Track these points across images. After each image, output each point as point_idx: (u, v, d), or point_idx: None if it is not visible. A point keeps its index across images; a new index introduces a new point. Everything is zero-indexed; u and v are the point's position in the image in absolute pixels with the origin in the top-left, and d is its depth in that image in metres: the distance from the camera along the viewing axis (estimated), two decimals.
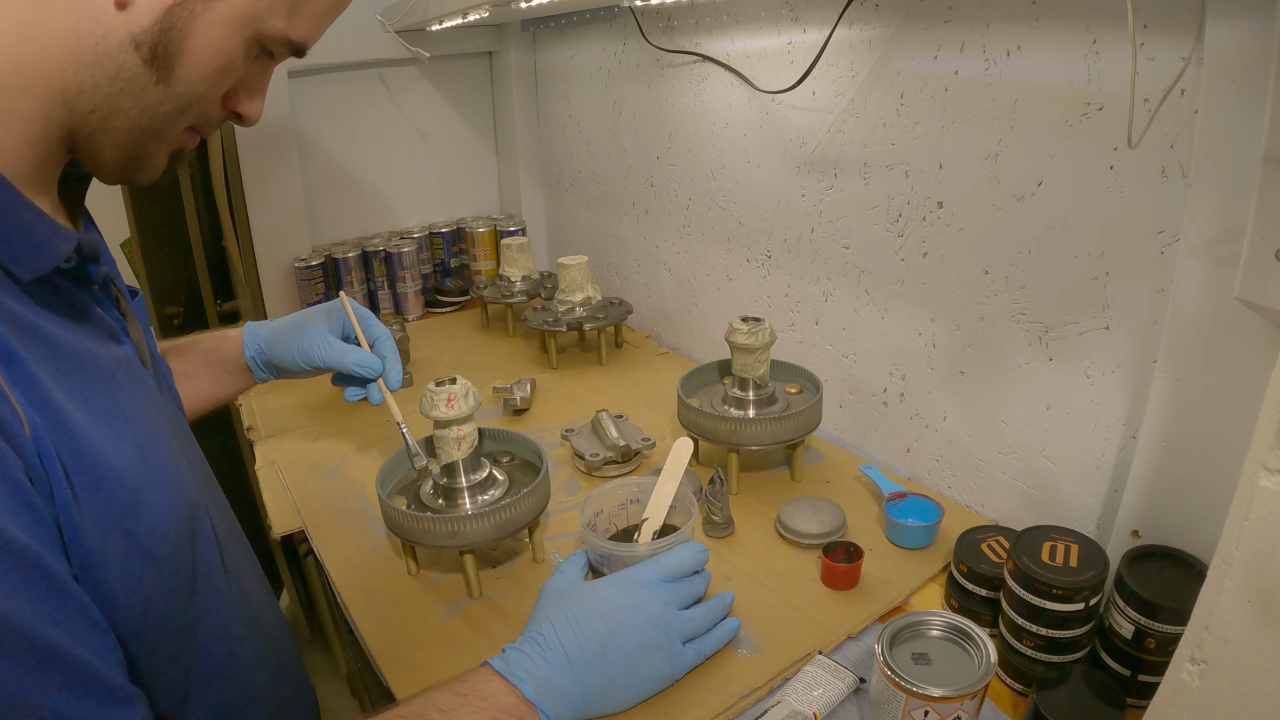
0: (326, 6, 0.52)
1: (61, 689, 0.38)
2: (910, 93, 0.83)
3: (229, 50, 0.47)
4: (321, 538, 0.87)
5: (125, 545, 0.45)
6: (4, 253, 0.42)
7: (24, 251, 0.43)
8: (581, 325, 1.24)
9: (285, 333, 0.75)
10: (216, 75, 0.48)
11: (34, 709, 0.37)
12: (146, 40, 0.44)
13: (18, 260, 0.43)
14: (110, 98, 0.45)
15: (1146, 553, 0.62)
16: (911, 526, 0.79)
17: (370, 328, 0.76)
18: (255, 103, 0.54)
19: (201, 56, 0.46)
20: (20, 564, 0.37)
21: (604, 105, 1.38)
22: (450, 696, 0.54)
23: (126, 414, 0.48)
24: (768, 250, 1.10)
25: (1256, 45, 0.52)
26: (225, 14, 0.46)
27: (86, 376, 0.46)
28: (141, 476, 0.47)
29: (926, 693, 0.52)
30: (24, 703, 0.37)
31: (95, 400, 0.46)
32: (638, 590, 0.63)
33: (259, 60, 0.51)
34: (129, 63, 0.44)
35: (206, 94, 0.49)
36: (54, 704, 0.38)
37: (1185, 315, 0.61)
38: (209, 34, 0.46)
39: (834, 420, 1.04)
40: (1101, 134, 0.67)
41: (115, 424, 0.46)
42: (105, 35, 0.44)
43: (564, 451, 1.01)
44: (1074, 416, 0.75)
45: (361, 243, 1.50)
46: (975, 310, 0.82)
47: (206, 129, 0.53)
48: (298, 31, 0.50)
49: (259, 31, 0.48)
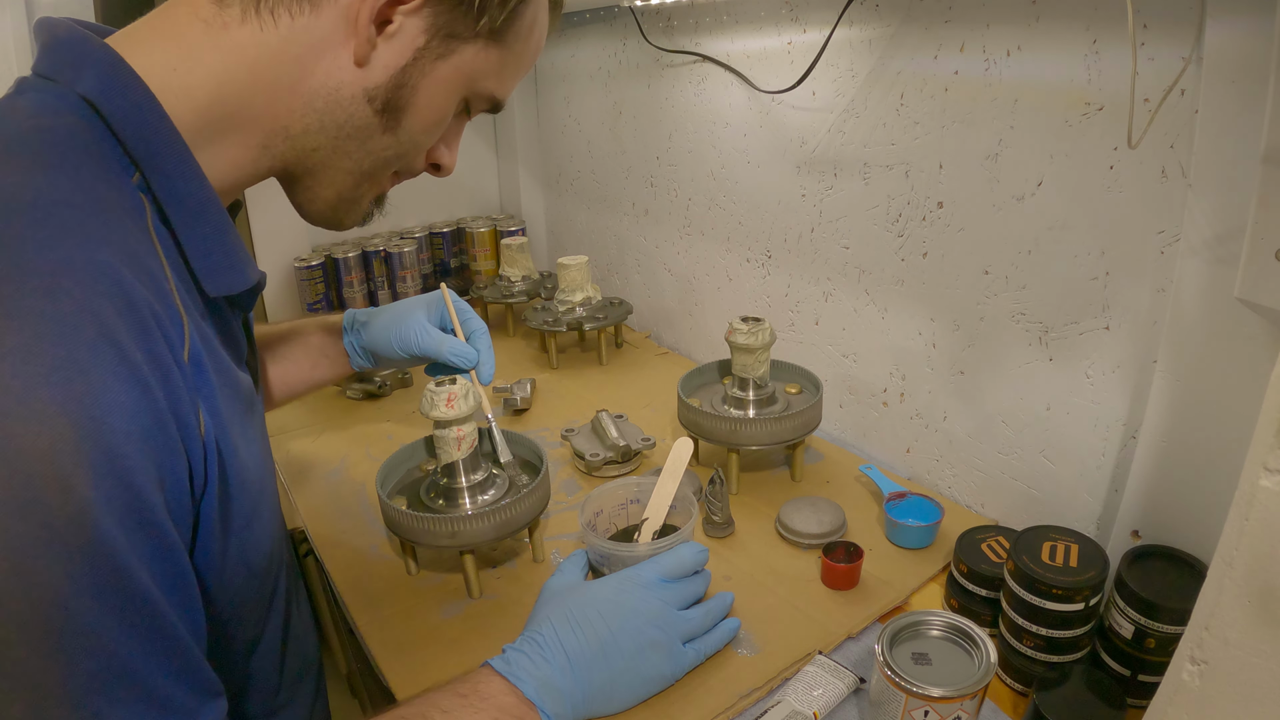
0: (521, 68, 0.55)
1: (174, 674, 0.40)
2: (910, 93, 0.83)
3: (445, 106, 0.52)
4: (321, 537, 0.87)
5: (239, 555, 0.48)
6: (204, 267, 0.46)
7: (222, 271, 0.47)
8: (581, 325, 1.24)
9: (385, 320, 0.77)
10: (433, 128, 0.52)
11: (148, 688, 0.39)
12: (379, 95, 0.49)
13: (213, 277, 0.47)
14: (337, 140, 0.50)
15: (1146, 553, 0.62)
16: (911, 526, 0.79)
17: (468, 320, 0.77)
18: (452, 154, 0.58)
19: (425, 110, 0.51)
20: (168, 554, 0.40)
21: (604, 105, 1.38)
22: (451, 697, 0.54)
23: (250, 435, 0.51)
24: (768, 250, 1.10)
25: (1256, 45, 0.52)
26: (447, 74, 0.50)
27: (234, 394, 0.49)
28: (260, 494, 0.50)
29: (926, 693, 0.52)
30: (144, 681, 0.39)
31: (239, 417, 0.48)
32: (638, 590, 0.63)
33: (460, 115, 0.55)
34: (360, 113, 0.49)
35: (423, 145, 0.53)
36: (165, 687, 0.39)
37: (1185, 315, 0.61)
38: (432, 90, 0.50)
39: (834, 420, 1.04)
40: (1101, 134, 0.67)
41: (249, 442, 0.50)
42: (338, 88, 0.48)
43: (564, 451, 1.01)
44: (1074, 416, 0.75)
45: (361, 243, 1.50)
46: (975, 310, 0.82)
47: (408, 177, 0.57)
48: (501, 91, 0.54)
49: (472, 90, 0.53)
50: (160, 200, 0.43)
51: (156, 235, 0.43)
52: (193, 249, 0.45)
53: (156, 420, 0.38)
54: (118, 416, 0.36)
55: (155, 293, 0.39)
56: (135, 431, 0.37)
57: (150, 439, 0.38)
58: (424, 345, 0.74)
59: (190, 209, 0.45)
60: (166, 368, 0.39)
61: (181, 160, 0.44)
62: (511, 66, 0.54)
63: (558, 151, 1.57)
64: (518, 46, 0.53)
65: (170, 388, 0.39)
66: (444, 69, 0.50)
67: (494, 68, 0.52)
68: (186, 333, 0.42)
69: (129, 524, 0.37)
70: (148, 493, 0.38)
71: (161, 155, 0.43)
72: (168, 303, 0.40)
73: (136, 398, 0.37)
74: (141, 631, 0.38)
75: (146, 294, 0.38)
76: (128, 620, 0.37)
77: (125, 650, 0.37)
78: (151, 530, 0.38)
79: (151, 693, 0.39)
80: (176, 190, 0.44)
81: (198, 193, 0.45)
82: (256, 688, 0.56)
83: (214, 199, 0.46)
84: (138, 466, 0.37)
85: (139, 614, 0.38)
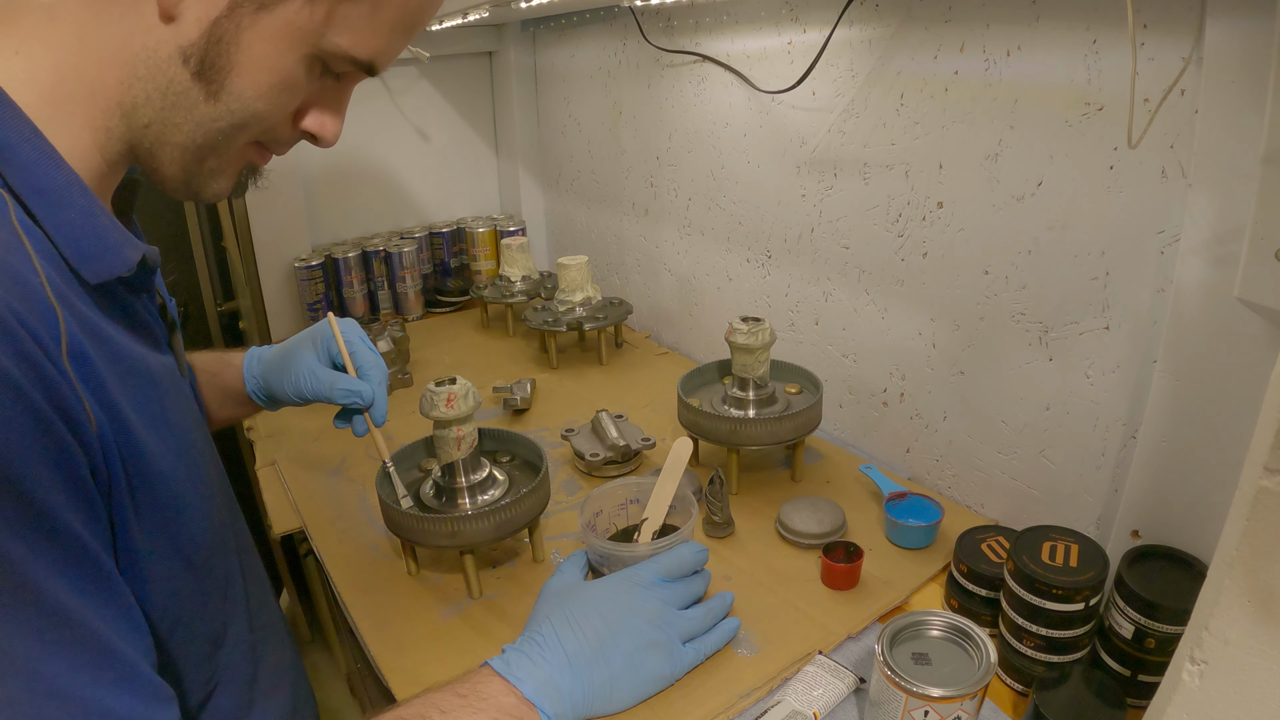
0: (393, 23, 0.48)
1: (112, 685, 0.39)
2: (910, 93, 0.83)
3: (284, 66, 0.46)
4: (321, 538, 0.87)
5: (169, 547, 0.47)
6: (76, 255, 0.43)
7: (96, 255, 0.44)
8: (581, 325, 1.24)
9: (276, 362, 0.73)
10: (274, 92, 0.46)
11: (85, 704, 0.38)
12: (194, 54, 0.44)
13: (88, 263, 0.44)
14: (163, 112, 0.45)
15: (1146, 553, 0.62)
16: (911, 526, 0.79)
17: (358, 353, 0.72)
18: (328, 122, 0.52)
19: (254, 72, 0.45)
20: (81, 560, 0.39)
21: (604, 105, 1.38)
22: (450, 697, 0.54)
23: (171, 421, 0.49)
24: (768, 250, 1.10)
25: (1256, 45, 0.52)
26: (275, 28, 0.44)
27: (140, 381, 0.47)
28: (184, 483, 0.48)
29: (926, 693, 0.52)
30: (77, 697, 0.38)
31: (147, 405, 0.46)
32: (638, 590, 0.63)
33: (325, 79, 0.49)
34: (178, 76, 0.44)
35: (268, 111, 0.47)
36: (103, 700, 0.38)
37: (1185, 315, 0.61)
38: (258, 48, 0.44)
39: (834, 420, 1.04)
40: (1101, 134, 0.67)
41: (162, 430, 0.47)
42: (156, 49, 0.44)
43: (564, 451, 1.01)
44: (1074, 416, 0.75)
45: (361, 243, 1.50)
46: (975, 310, 0.82)
47: (277, 147, 0.52)
48: (362, 50, 0.47)
49: (318, 48, 0.46)
50: (19, 193, 0.41)
51: (22, 229, 0.40)
52: (61, 237, 0.42)
53: (38, 422, 0.36)
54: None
55: (19, 293, 0.37)
56: (15, 438, 0.35)
57: (34, 442, 0.36)
58: (314, 389, 0.70)
59: (51, 197, 0.42)
60: (40, 367, 0.37)
61: (34, 147, 0.42)
62: (371, 19, 0.47)
63: (558, 151, 1.57)
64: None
65: (48, 386, 0.37)
66: (269, 21, 0.44)
67: (337, 20, 0.45)
68: (62, 327, 0.39)
69: (30, 536, 0.36)
70: (43, 498, 0.36)
71: (14, 147, 0.41)
72: (36, 299, 0.38)
73: (9, 403, 0.35)
74: (62, 646, 0.37)
75: (6, 295, 0.36)
76: (46, 637, 0.36)
77: (48, 669, 0.36)
78: (58, 537, 0.37)
79: (90, 709, 0.38)
80: (34, 180, 0.42)
81: (57, 179, 0.42)
82: (230, 680, 0.55)
83: (76, 182, 0.43)
84: (27, 474, 0.36)
85: (56, 627, 0.37)
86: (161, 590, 0.46)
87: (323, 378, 0.70)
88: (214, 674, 0.54)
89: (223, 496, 0.57)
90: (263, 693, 0.60)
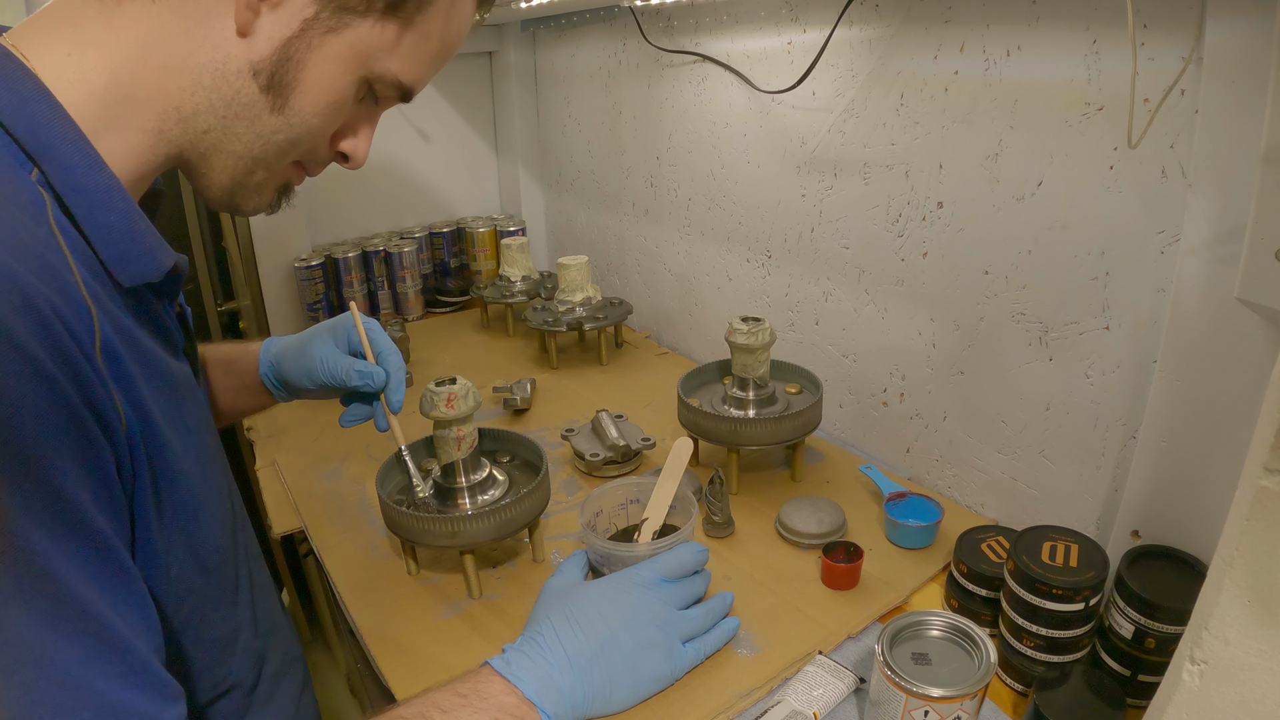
0: (434, 53, 0.52)
1: (121, 679, 0.39)
2: (910, 93, 0.83)
3: (341, 87, 0.49)
4: (321, 537, 0.87)
5: (185, 549, 0.48)
6: (112, 257, 0.44)
7: (132, 258, 0.45)
8: (581, 325, 1.24)
9: (292, 350, 0.73)
10: (328, 110, 0.49)
11: (94, 695, 0.38)
12: (264, 69, 0.46)
13: (123, 266, 0.45)
14: (225, 120, 0.47)
15: (1146, 553, 0.62)
16: (911, 526, 0.79)
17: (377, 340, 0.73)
18: (361, 144, 0.55)
19: (315, 90, 0.48)
20: (102, 554, 0.39)
21: (604, 105, 1.38)
22: (451, 697, 0.54)
23: (189, 426, 0.50)
24: (768, 250, 1.10)
25: (1256, 45, 0.52)
26: (340, 50, 0.47)
27: (163, 384, 0.48)
28: (201, 486, 0.49)
29: (926, 693, 0.52)
30: (87, 688, 0.38)
31: (169, 408, 0.47)
32: (638, 590, 0.63)
33: (364, 103, 0.52)
34: (246, 89, 0.46)
35: (318, 129, 0.50)
36: (112, 692, 0.39)
37: (1185, 315, 0.61)
38: (322, 68, 0.47)
39: (834, 420, 1.04)
40: (1101, 134, 0.67)
41: (182, 433, 0.48)
42: (225, 61, 0.45)
43: (564, 451, 1.01)
44: (1074, 416, 0.75)
45: (361, 243, 1.50)
46: (975, 310, 0.82)
47: (314, 167, 0.55)
48: (407, 75, 0.51)
49: (370, 71, 0.49)
50: (60, 193, 0.42)
51: (59, 229, 0.41)
52: (99, 239, 0.43)
53: (69, 415, 0.37)
54: (25, 417, 0.35)
55: (56, 288, 0.38)
56: (46, 430, 0.36)
57: (64, 435, 0.37)
58: (329, 373, 0.70)
59: (92, 199, 0.43)
60: (75, 361, 0.38)
61: (79, 150, 0.43)
62: (419, 48, 0.50)
63: (558, 151, 1.57)
64: (426, 26, 0.50)
65: (81, 381, 0.38)
66: (335, 44, 0.47)
67: (395, 47, 0.49)
68: (96, 325, 0.40)
69: (54, 526, 0.36)
70: (70, 490, 0.37)
71: (57, 148, 0.42)
72: (71, 296, 0.39)
73: (43, 395, 0.36)
74: (75, 636, 0.37)
75: (45, 290, 0.37)
76: (61, 627, 0.37)
77: (62, 658, 0.37)
78: (80, 529, 0.38)
79: (100, 701, 0.38)
80: (76, 181, 0.43)
81: (99, 181, 0.43)
82: (237, 685, 0.56)
83: (117, 187, 0.44)
84: (55, 465, 0.36)
85: (72, 619, 0.37)
86: (175, 591, 0.47)
87: (340, 362, 0.71)
88: (223, 679, 0.54)
89: (233, 504, 0.58)
90: (265, 697, 0.60)
